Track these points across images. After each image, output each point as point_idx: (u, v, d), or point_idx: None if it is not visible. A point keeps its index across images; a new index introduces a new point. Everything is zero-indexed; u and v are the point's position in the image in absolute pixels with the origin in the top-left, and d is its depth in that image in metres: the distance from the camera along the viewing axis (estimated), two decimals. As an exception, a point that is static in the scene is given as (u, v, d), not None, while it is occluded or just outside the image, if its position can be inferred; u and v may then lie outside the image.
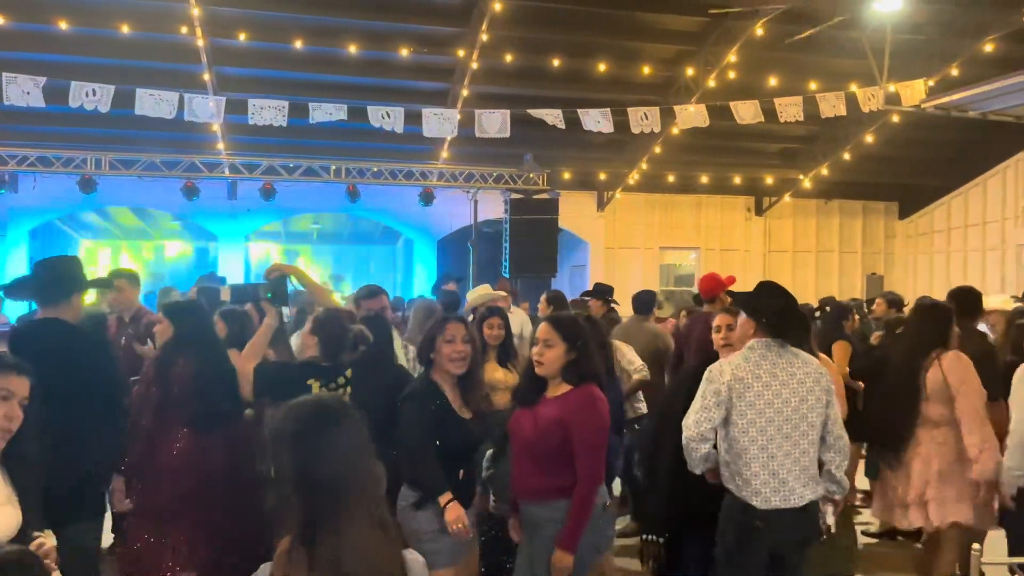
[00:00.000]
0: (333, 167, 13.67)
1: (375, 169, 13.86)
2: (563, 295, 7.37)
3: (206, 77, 11.67)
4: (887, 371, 4.41)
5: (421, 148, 13.93)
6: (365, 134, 11.19)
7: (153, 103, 10.16)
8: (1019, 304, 7.07)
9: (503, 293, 6.92)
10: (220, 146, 13.42)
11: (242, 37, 11.28)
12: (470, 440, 3.53)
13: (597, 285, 8.08)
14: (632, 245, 16.78)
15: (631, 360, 5.42)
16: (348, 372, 3.90)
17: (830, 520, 3.58)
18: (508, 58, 12.07)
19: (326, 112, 10.75)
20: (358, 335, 3.90)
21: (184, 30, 10.83)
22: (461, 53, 11.90)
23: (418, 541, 3.26)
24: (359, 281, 16.85)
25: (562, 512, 3.13)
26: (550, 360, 3.24)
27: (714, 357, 3.77)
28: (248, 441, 3.95)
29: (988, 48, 11.80)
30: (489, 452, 4.31)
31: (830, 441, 3.40)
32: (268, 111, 10.68)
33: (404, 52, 11.77)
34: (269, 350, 4.17)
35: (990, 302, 6.52)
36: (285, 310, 5.00)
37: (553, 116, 11.05)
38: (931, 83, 11.70)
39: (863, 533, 5.93)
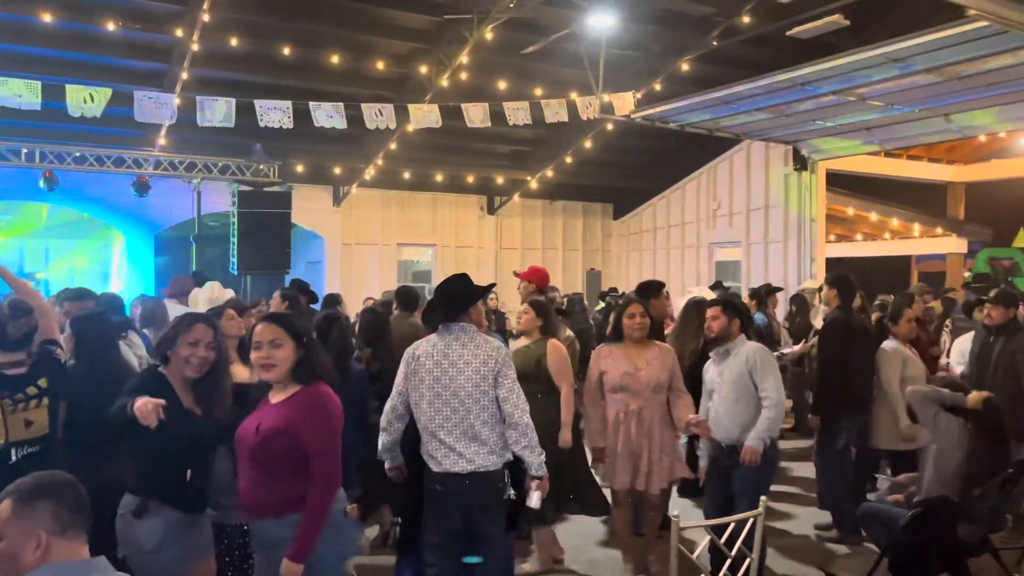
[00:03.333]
0: (24, 150, 12.00)
1: (77, 154, 12.36)
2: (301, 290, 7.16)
3: None
4: None
5: (134, 133, 12.68)
6: (66, 114, 9.90)
7: None
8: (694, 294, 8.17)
9: (231, 292, 6.66)
10: None
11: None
12: (195, 439, 3.25)
13: (294, 281, 8.02)
14: (370, 241, 16.64)
15: None
16: (43, 381, 3.46)
17: (534, 502, 3.73)
18: (233, 42, 11.35)
19: (13, 92, 9.40)
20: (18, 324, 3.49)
21: None
22: (180, 32, 10.98)
23: (139, 553, 3.04)
24: (60, 281, 15.01)
25: (294, 529, 2.93)
26: (281, 360, 3.03)
27: None
28: None
29: (685, 67, 13.26)
30: None
31: (506, 419, 3.70)
32: (-66, 82, 9.09)
33: (111, 26, 10.60)
34: None
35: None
36: None
37: (281, 115, 10.55)
38: (639, 96, 12.88)
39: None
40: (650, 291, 6.21)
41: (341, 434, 3.13)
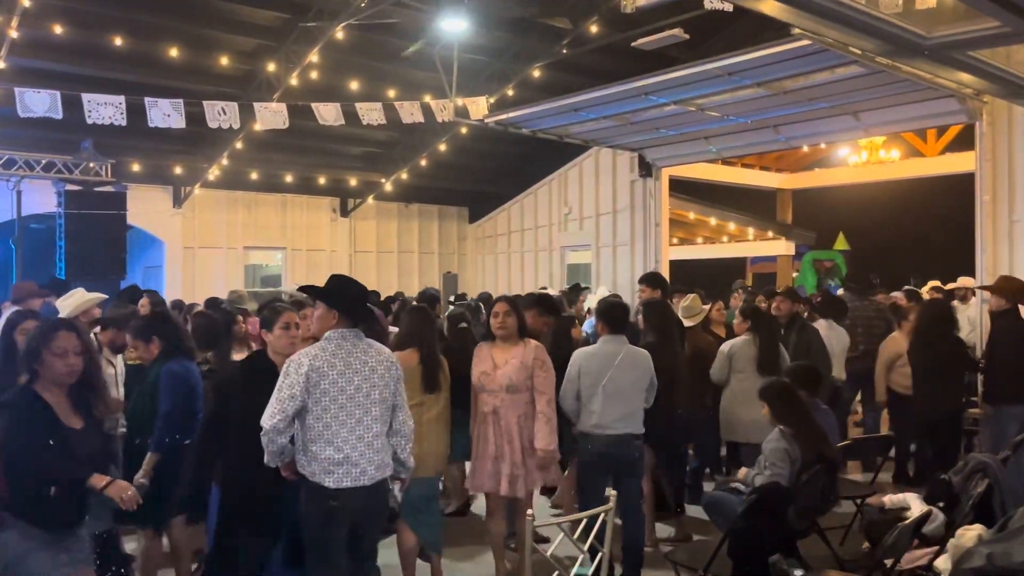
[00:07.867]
0: None
1: None
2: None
3: None
4: None
5: (-59, 125, 11.48)
6: None
7: None
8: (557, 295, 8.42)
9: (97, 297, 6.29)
10: None
11: None
12: (78, 452, 3.10)
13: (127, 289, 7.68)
14: (214, 244, 15.86)
15: None
16: None
17: (398, 496, 3.96)
18: (58, 30, 10.52)
19: None
20: None
21: None
22: (-4, 18, 10.06)
23: (5, 567, 2.88)
24: None
25: None
26: None
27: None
28: None
29: (536, 74, 13.53)
30: None
31: (396, 426, 3.76)
32: None
33: (-88, 7, 9.58)
34: None
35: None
36: None
37: (113, 111, 9.85)
38: (492, 100, 13.02)
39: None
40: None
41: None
